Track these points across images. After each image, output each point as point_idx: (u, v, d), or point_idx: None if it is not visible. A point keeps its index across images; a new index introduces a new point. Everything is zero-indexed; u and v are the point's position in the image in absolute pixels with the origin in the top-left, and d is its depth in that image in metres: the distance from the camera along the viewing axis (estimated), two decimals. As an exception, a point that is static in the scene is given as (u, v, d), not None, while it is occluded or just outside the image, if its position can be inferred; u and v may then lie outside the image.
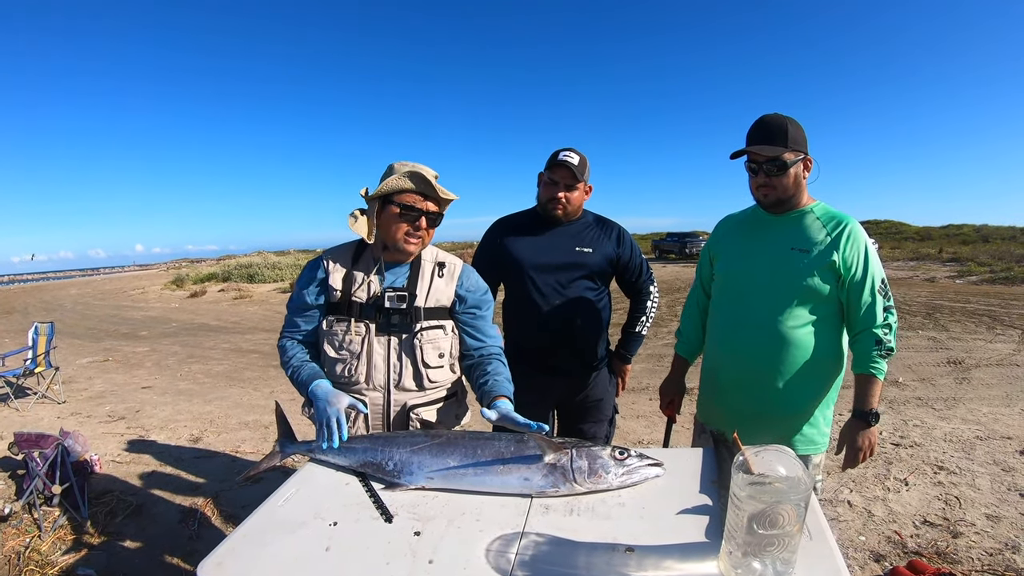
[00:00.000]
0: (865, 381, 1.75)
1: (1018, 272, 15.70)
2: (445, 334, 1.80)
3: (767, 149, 1.75)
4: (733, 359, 1.93)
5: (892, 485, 3.33)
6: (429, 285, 1.79)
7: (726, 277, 1.98)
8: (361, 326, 1.72)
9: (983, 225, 33.77)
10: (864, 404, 1.74)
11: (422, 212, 1.69)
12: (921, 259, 22.17)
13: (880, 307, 1.74)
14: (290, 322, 1.83)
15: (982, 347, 7.13)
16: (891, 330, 1.74)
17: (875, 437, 1.76)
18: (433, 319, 1.77)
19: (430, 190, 1.68)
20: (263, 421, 5.02)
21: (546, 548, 1.07)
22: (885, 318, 1.74)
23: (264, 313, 14.61)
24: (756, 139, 1.79)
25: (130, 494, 3.44)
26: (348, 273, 1.76)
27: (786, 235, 1.83)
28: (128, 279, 34.84)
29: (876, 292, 1.74)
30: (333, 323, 1.75)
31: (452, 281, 1.83)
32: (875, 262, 1.77)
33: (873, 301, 1.74)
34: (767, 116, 1.81)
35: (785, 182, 1.77)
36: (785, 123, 1.76)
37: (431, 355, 1.76)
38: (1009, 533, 2.77)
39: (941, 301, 11.47)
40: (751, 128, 1.82)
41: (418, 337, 1.74)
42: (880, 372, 1.73)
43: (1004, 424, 4.33)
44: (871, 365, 1.73)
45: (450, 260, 1.87)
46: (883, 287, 1.76)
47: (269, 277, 22.64)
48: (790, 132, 1.75)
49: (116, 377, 7.17)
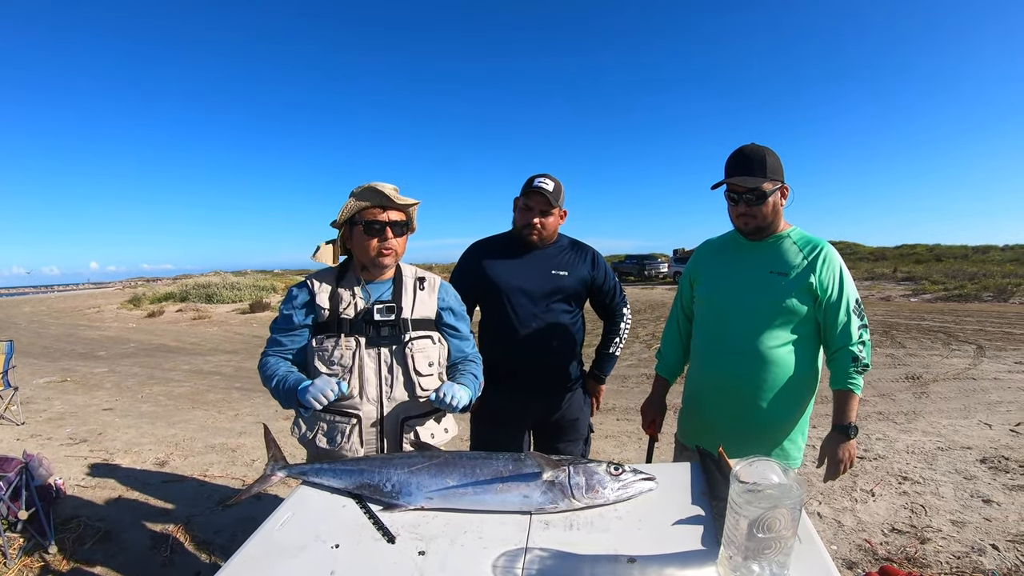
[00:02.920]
0: (843, 397, 1.82)
1: (971, 290, 16.42)
2: (433, 343, 1.86)
3: (747, 180, 1.84)
4: (715, 380, 2.00)
5: (859, 496, 3.44)
6: (414, 297, 1.86)
7: (707, 300, 2.05)
8: (352, 340, 1.75)
9: (936, 244, 35.08)
10: (843, 418, 1.81)
11: (385, 223, 1.76)
12: (876, 278, 22.96)
13: (855, 326, 1.82)
14: (273, 341, 1.85)
15: (939, 362, 7.43)
16: (866, 347, 1.82)
17: (854, 450, 1.84)
18: (421, 329, 1.83)
19: (386, 200, 1.75)
20: (230, 444, 4.90)
21: (551, 562, 1.10)
22: (860, 336, 1.82)
23: (224, 334, 14.29)
24: (736, 170, 1.87)
25: (97, 520, 3.32)
26: (334, 291, 1.81)
27: (764, 259, 1.91)
28: (83, 297, 33.67)
29: (851, 312, 1.83)
30: (323, 340, 1.77)
31: (434, 293, 1.91)
32: (849, 283, 1.86)
33: (849, 320, 1.82)
34: (746, 147, 1.89)
35: (764, 211, 1.86)
36: (764, 154, 1.84)
37: (422, 363, 1.82)
38: (974, 537, 2.90)
39: (897, 319, 11.91)
40: (731, 158, 1.90)
41: (408, 347, 1.79)
42: (857, 388, 1.81)
43: (963, 435, 4.52)
44: (849, 381, 1.81)
45: (429, 275, 1.96)
46: (857, 307, 1.85)
47: (228, 298, 22.19)
48: (768, 163, 1.83)
49: (75, 398, 6.92)
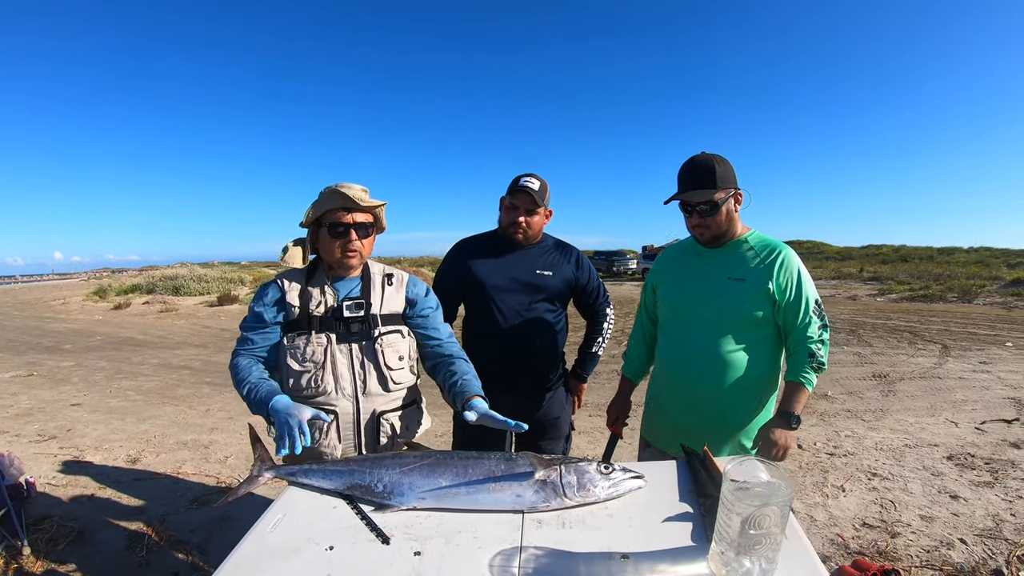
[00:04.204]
0: (793, 388, 1.86)
1: (936, 290, 16.90)
2: (403, 337, 1.89)
3: (698, 194, 1.87)
4: (677, 382, 2.06)
5: (830, 492, 3.54)
6: (382, 293, 1.89)
7: (669, 306, 2.11)
8: (322, 337, 1.79)
9: (902, 245, 35.90)
10: (788, 406, 1.85)
11: (349, 225, 1.78)
12: (843, 278, 23.49)
13: (816, 326, 1.86)
14: (244, 339, 1.85)
15: (905, 361, 7.65)
16: (824, 346, 1.86)
17: (792, 440, 1.85)
18: (389, 324, 1.87)
19: (350, 203, 1.76)
20: (202, 440, 4.84)
21: (546, 560, 1.11)
22: (820, 335, 1.86)
23: (192, 328, 14.03)
24: (687, 184, 1.91)
25: (70, 519, 3.25)
26: (304, 290, 1.83)
27: (722, 265, 1.96)
28: (48, 288, 32.69)
29: (811, 313, 1.87)
30: (294, 338, 1.80)
31: (401, 288, 1.94)
32: (808, 285, 1.90)
33: (809, 321, 1.86)
34: (696, 159, 1.92)
35: (718, 220, 1.90)
36: (713, 164, 1.87)
37: (392, 358, 1.85)
38: (943, 531, 3.01)
39: (864, 318, 12.22)
40: (681, 172, 1.94)
41: (379, 342, 1.83)
42: (809, 383, 1.85)
43: (930, 433, 4.68)
44: (802, 374, 1.85)
45: (396, 272, 1.99)
46: (817, 308, 1.89)
47: (195, 290, 21.77)
48: (718, 172, 1.86)
49: (43, 393, 6.73)
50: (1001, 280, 18.30)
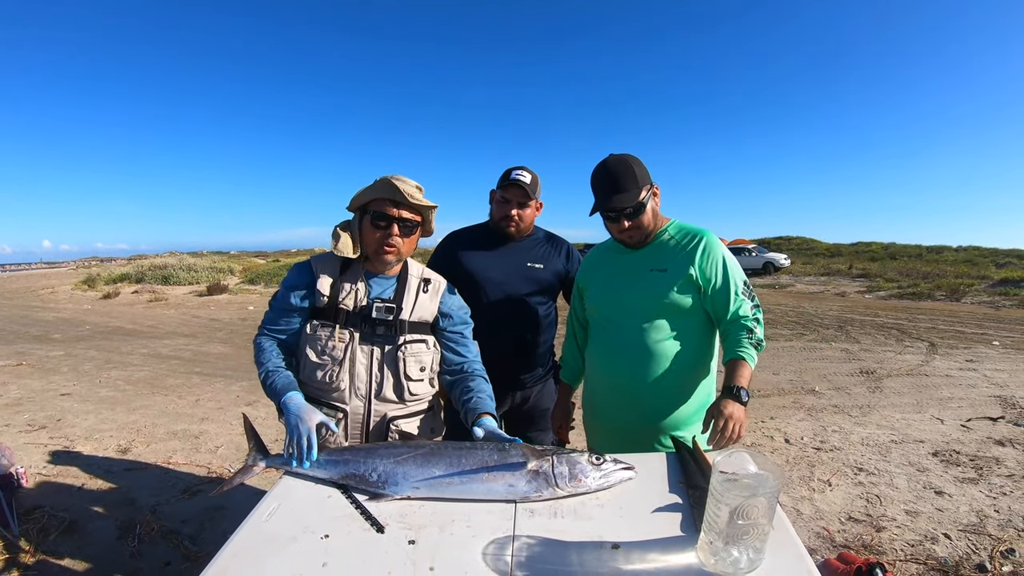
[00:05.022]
0: (735, 364, 1.75)
1: (924, 288, 17.07)
2: (427, 348, 1.84)
3: (624, 198, 1.80)
4: (606, 380, 2.01)
5: (817, 486, 3.59)
6: (415, 299, 1.84)
7: (596, 307, 2.05)
8: (345, 333, 1.75)
9: (891, 243, 36.26)
10: (732, 381, 1.71)
11: (393, 219, 1.73)
12: (832, 274, 23.69)
13: (747, 307, 1.82)
14: (271, 319, 1.83)
15: (892, 358, 7.74)
16: (759, 325, 1.81)
17: (743, 413, 1.66)
18: (416, 333, 1.82)
19: (399, 196, 1.70)
20: (192, 431, 4.83)
21: (539, 549, 1.14)
22: (754, 314, 1.82)
23: (181, 317, 13.98)
24: (609, 189, 1.83)
25: (61, 510, 3.24)
26: (336, 281, 1.79)
27: (644, 258, 1.92)
28: (36, 277, 32.42)
29: (740, 294, 1.83)
30: (317, 328, 1.76)
31: (436, 297, 1.89)
32: (734, 267, 1.86)
33: (740, 303, 1.82)
34: (609, 164, 1.84)
35: (646, 220, 1.85)
36: (630, 165, 1.82)
37: (413, 368, 1.80)
38: (928, 526, 3.06)
39: (852, 315, 12.34)
40: (597, 179, 1.86)
41: (402, 350, 1.78)
42: (750, 358, 1.75)
43: (916, 429, 4.74)
44: (740, 350, 1.76)
45: (435, 277, 1.93)
46: (746, 288, 1.85)
47: (185, 279, 21.69)
48: (637, 172, 1.81)
49: (32, 383, 6.69)
50: (989, 279, 18.54)
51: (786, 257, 26.68)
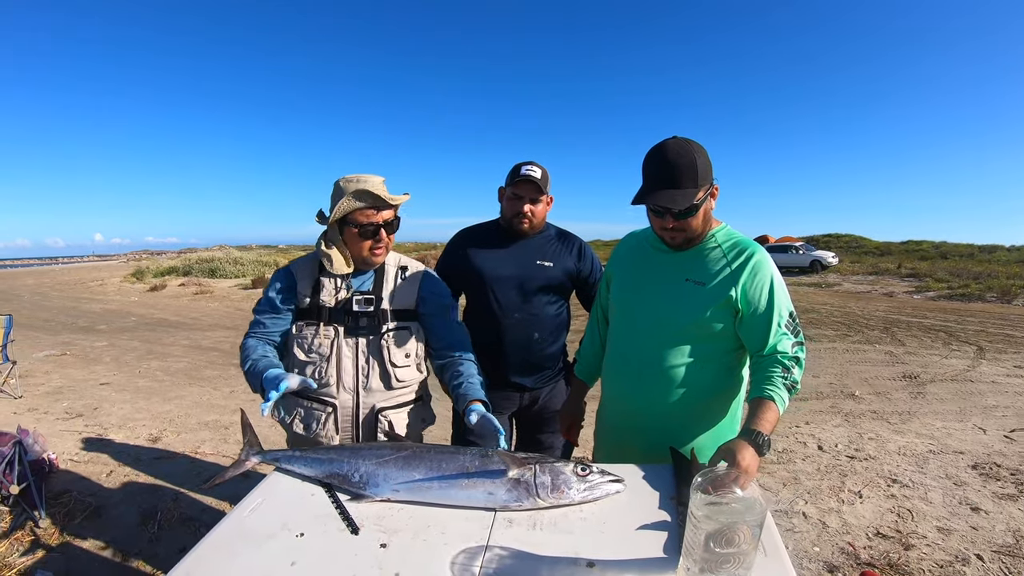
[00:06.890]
0: (760, 404, 1.46)
1: (975, 289, 16.32)
2: (411, 334, 1.87)
3: (676, 198, 1.49)
4: (618, 391, 1.83)
5: (846, 497, 3.43)
6: (394, 288, 1.87)
7: (618, 306, 1.83)
8: (330, 329, 1.79)
9: (942, 242, 34.80)
10: (755, 424, 1.40)
11: (379, 225, 1.77)
12: (880, 273, 22.84)
13: (789, 342, 1.55)
14: (256, 323, 1.88)
15: (938, 362, 7.39)
16: (799, 366, 1.53)
17: (756, 464, 1.32)
18: (399, 320, 1.85)
19: (380, 202, 1.75)
20: (223, 421, 4.95)
21: (509, 562, 1.09)
22: (795, 352, 1.54)
23: (225, 310, 14.39)
24: (661, 182, 1.50)
25: (88, 495, 3.36)
26: (316, 280, 1.83)
27: (683, 263, 1.65)
28: (87, 270, 33.84)
29: (783, 327, 1.56)
30: (303, 327, 1.81)
31: (415, 283, 1.92)
32: (781, 295, 1.58)
33: (780, 338, 1.55)
34: (668, 150, 1.51)
35: (695, 222, 1.56)
36: (693, 159, 1.48)
37: (398, 355, 1.83)
38: (960, 546, 2.89)
39: (899, 316, 11.86)
40: (651, 166, 1.54)
41: (384, 338, 1.81)
42: (780, 400, 1.46)
43: (957, 439, 4.50)
44: (769, 388, 1.48)
45: (412, 264, 1.96)
46: (791, 322, 1.58)
47: (231, 273, 22.31)
48: (699, 167, 1.49)
49: (74, 372, 6.98)
50: (1044, 281, 17.59)
51: (834, 255, 25.88)
